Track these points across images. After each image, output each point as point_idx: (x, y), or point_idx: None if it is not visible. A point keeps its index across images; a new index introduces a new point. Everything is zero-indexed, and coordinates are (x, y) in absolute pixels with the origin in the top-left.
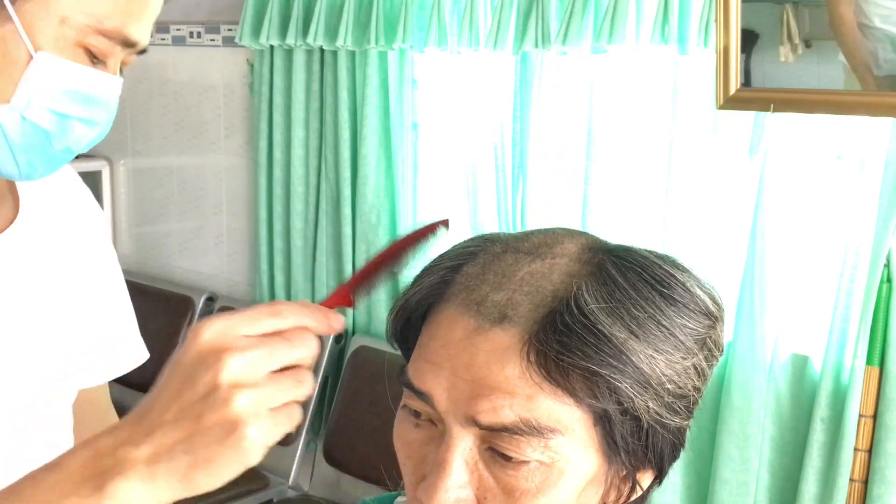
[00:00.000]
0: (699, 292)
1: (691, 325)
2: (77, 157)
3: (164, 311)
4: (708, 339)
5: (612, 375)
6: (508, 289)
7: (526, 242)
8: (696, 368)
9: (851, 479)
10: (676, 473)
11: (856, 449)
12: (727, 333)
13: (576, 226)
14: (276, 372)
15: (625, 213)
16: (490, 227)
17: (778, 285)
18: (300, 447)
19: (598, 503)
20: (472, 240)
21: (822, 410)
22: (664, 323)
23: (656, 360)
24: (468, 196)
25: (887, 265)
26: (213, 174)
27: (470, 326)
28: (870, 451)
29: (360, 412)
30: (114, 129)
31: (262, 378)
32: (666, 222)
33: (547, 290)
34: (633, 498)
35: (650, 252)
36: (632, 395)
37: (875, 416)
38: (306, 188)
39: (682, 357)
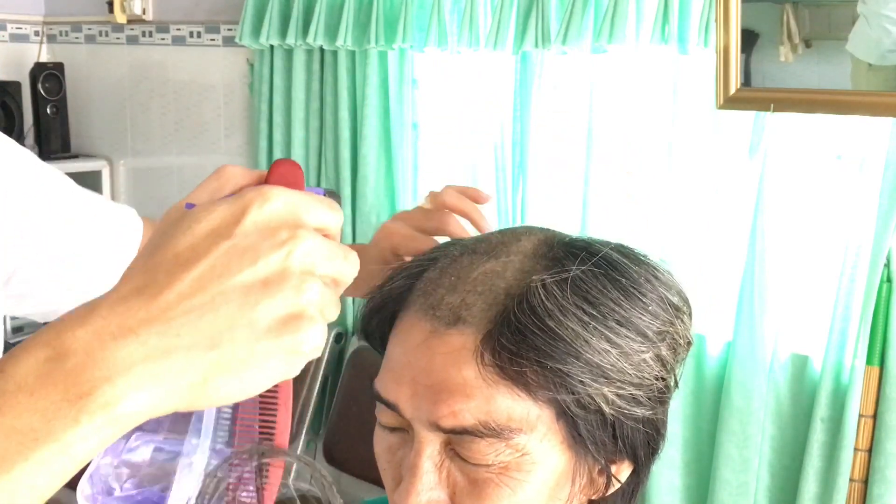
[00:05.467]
0: (658, 284)
1: (649, 317)
2: (77, 157)
3: None
4: (670, 329)
5: (562, 368)
6: (462, 290)
7: (484, 243)
8: (657, 359)
9: (851, 479)
10: (676, 474)
11: (856, 449)
12: (727, 333)
13: (575, 226)
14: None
15: (625, 213)
16: (490, 227)
17: (778, 285)
18: (300, 447)
19: (575, 497)
20: (434, 248)
21: (822, 410)
22: (619, 315)
23: (610, 351)
24: None
25: (887, 265)
26: None
27: (426, 330)
28: (870, 451)
29: (360, 412)
30: (114, 128)
31: (325, 272)
32: (666, 222)
33: (500, 288)
34: (610, 491)
35: (608, 244)
36: (586, 387)
37: (875, 416)
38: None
39: (638, 348)
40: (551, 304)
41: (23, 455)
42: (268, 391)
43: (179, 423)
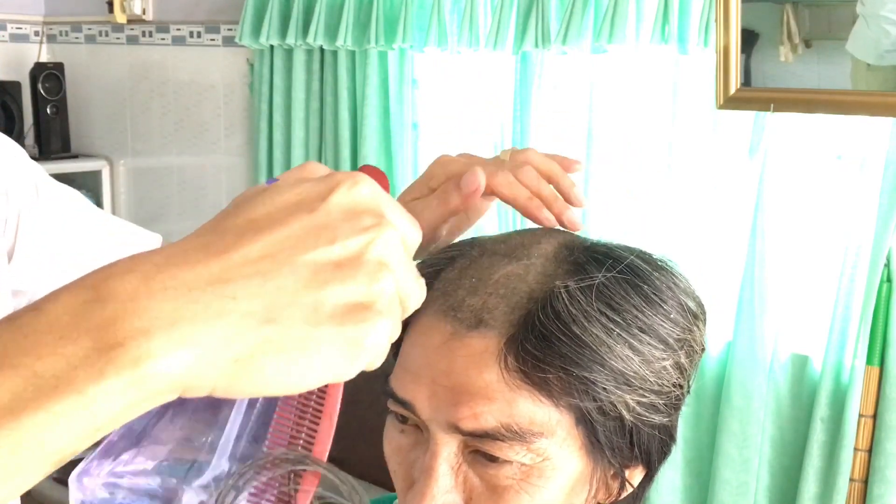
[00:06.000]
0: (678, 291)
1: (670, 324)
2: (77, 157)
3: None
4: (688, 337)
5: (587, 375)
6: (484, 293)
7: (503, 244)
8: (676, 366)
9: (851, 479)
10: (676, 473)
11: (856, 449)
12: (727, 333)
13: None
14: None
15: (625, 213)
16: (490, 227)
17: (778, 285)
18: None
19: (589, 501)
20: (452, 245)
21: (822, 410)
22: (641, 322)
23: (633, 359)
24: None
25: (887, 265)
26: (213, 174)
27: (447, 332)
28: (870, 451)
29: (360, 412)
30: (114, 128)
31: (404, 273)
32: (666, 222)
33: (522, 291)
34: (623, 495)
35: (630, 249)
36: (609, 395)
37: (875, 416)
38: None
39: (660, 356)
40: (575, 310)
41: (37, 402)
42: (314, 394)
43: (187, 445)
